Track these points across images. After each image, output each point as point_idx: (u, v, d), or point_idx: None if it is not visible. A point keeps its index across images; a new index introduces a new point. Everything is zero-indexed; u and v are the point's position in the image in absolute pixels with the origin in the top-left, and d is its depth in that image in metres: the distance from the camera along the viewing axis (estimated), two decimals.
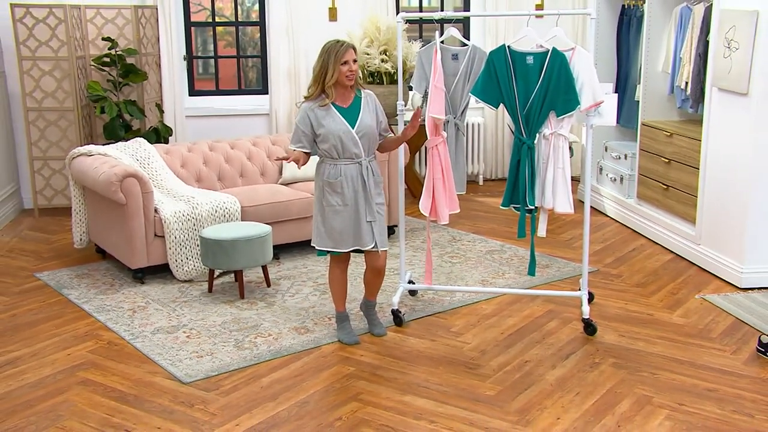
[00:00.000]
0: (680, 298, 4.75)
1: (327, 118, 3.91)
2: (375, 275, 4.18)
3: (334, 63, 3.85)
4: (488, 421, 3.37)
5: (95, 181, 5.05)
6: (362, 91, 4.04)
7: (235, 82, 7.69)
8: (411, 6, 8.07)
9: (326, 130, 3.90)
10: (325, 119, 3.91)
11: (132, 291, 4.96)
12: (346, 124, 3.92)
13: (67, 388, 3.72)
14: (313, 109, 3.93)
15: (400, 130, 4.55)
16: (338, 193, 3.96)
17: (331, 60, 3.85)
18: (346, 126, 3.92)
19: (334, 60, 3.85)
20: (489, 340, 4.19)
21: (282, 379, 3.78)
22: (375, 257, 4.10)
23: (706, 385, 3.66)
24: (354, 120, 3.94)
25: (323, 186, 4.00)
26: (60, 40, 6.44)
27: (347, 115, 3.94)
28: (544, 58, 4.22)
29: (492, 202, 7.01)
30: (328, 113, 3.92)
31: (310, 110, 3.93)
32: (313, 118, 3.92)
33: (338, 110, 3.93)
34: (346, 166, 3.96)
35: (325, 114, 3.91)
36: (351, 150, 3.94)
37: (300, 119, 3.96)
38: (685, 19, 5.65)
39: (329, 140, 3.91)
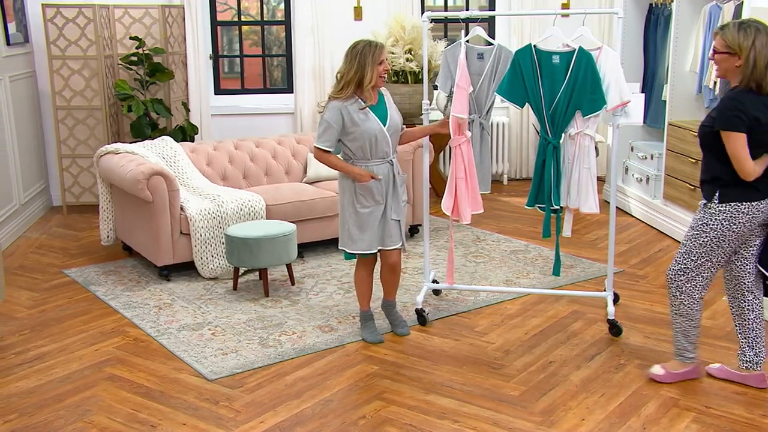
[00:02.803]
0: (707, 299, 4.69)
1: (362, 118, 3.89)
2: (391, 272, 4.17)
3: (372, 64, 3.82)
4: (512, 421, 3.36)
5: (122, 178, 5.10)
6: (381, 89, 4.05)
7: (260, 81, 7.74)
8: (436, 5, 8.06)
9: (362, 130, 3.88)
10: (360, 118, 3.88)
11: (158, 288, 5.00)
12: (380, 122, 3.93)
13: (95, 383, 3.77)
14: (347, 107, 3.88)
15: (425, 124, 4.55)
16: (368, 193, 3.96)
17: (368, 61, 3.81)
18: (380, 125, 3.92)
19: (371, 61, 3.82)
20: (513, 340, 4.17)
21: (306, 377, 3.79)
22: (390, 254, 4.09)
23: (734, 388, 3.62)
24: (384, 118, 3.95)
25: (352, 188, 3.98)
26: (89, 40, 6.52)
27: (378, 113, 3.95)
28: (570, 57, 4.19)
29: (516, 202, 6.98)
30: (363, 112, 3.89)
31: (343, 108, 3.88)
32: (347, 116, 3.87)
33: (370, 108, 3.94)
34: (378, 165, 3.96)
35: (360, 113, 3.89)
36: (383, 149, 3.94)
37: (331, 116, 3.87)
38: (715, 18, 5.58)
39: (362, 140, 3.89)
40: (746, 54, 3.22)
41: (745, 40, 3.22)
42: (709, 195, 3.44)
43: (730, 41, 3.25)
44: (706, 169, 3.46)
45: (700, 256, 3.50)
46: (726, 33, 3.26)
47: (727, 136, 3.29)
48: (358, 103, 3.90)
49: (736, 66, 3.28)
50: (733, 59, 3.27)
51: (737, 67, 3.27)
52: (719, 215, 3.42)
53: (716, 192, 3.41)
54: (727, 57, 3.27)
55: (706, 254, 3.49)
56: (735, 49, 3.24)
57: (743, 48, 3.22)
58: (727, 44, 3.26)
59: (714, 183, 3.42)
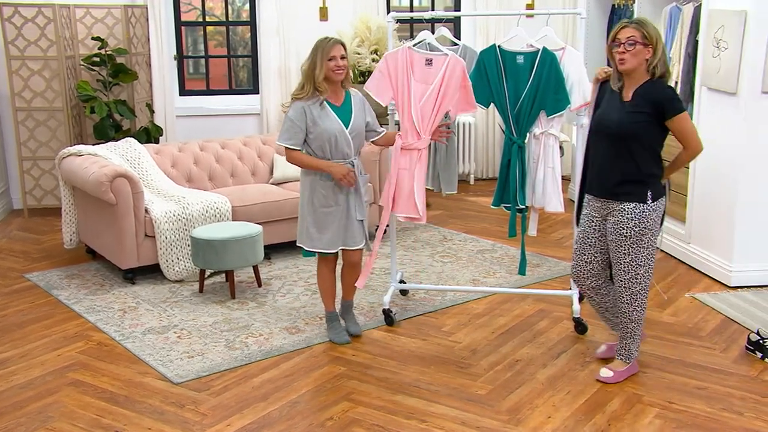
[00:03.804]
0: (670, 296, 4.76)
1: (322, 117, 3.88)
2: (351, 272, 4.16)
3: (321, 59, 3.84)
4: (479, 420, 3.38)
5: (85, 181, 5.03)
6: (351, 90, 4.04)
7: (225, 81, 7.68)
8: (402, 5, 8.07)
9: (321, 129, 3.87)
10: (321, 117, 3.88)
11: (122, 291, 4.94)
12: (341, 123, 3.91)
13: (57, 389, 3.70)
14: (309, 107, 3.88)
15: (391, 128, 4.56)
16: (330, 193, 3.95)
17: (319, 56, 3.84)
18: (341, 125, 3.91)
19: (321, 56, 3.84)
20: (480, 340, 4.19)
21: (273, 379, 3.77)
22: (351, 253, 4.09)
23: (696, 384, 3.68)
24: (348, 119, 3.94)
25: (313, 186, 3.98)
26: (49, 40, 6.42)
27: (340, 114, 3.93)
28: (534, 57, 4.23)
29: (483, 202, 7.02)
30: (323, 111, 3.89)
31: (306, 106, 3.88)
32: (309, 114, 3.87)
33: (332, 108, 3.92)
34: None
35: (321, 112, 3.89)
36: (343, 149, 3.93)
37: (295, 115, 3.87)
38: (675, 19, 5.67)
39: (321, 139, 3.89)
40: (657, 45, 3.35)
41: (656, 33, 3.36)
42: (642, 195, 3.44)
43: (651, 33, 3.35)
44: (636, 169, 3.43)
45: (647, 260, 3.53)
46: (646, 25, 3.36)
47: (682, 117, 3.38)
48: (320, 102, 3.90)
49: (646, 60, 3.38)
50: (646, 51, 3.36)
51: (646, 60, 3.38)
52: (653, 214, 3.46)
53: (648, 191, 3.44)
54: (643, 48, 3.36)
55: (651, 256, 3.54)
56: (652, 40, 3.35)
57: (659, 39, 3.36)
58: (645, 35, 3.34)
59: (646, 182, 3.44)
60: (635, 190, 3.44)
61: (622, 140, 3.42)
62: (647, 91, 3.40)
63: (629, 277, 3.55)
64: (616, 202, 3.48)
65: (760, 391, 3.59)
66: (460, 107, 4.20)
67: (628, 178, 3.44)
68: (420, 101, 4.15)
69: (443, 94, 4.14)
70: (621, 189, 3.46)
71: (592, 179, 3.59)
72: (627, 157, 3.43)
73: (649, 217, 3.46)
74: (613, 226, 3.51)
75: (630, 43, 3.34)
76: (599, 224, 3.61)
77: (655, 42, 3.34)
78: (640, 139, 3.41)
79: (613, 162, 3.46)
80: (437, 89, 4.13)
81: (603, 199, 3.54)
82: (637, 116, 3.39)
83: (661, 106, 3.38)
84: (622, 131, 3.41)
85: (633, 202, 3.44)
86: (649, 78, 3.41)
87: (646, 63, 3.38)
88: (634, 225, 3.46)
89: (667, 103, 3.37)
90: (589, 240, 3.66)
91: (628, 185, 3.45)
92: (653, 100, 3.38)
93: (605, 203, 3.54)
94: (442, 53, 4.19)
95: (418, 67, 4.17)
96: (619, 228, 3.48)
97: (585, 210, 3.67)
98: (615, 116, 3.44)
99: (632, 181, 3.44)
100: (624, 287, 3.57)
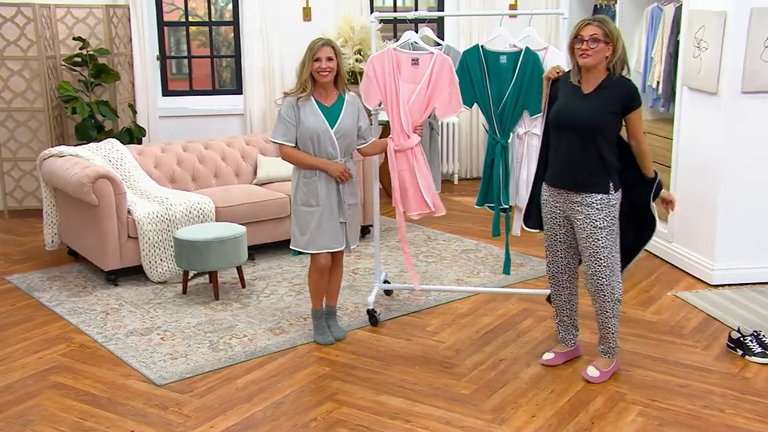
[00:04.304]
0: (653, 295, 4.80)
1: (308, 114, 3.89)
2: (334, 270, 4.14)
3: (309, 59, 3.87)
4: (463, 419, 3.39)
5: (67, 182, 4.99)
6: (347, 93, 4.03)
7: (208, 82, 7.65)
8: (385, 6, 8.07)
9: (304, 127, 3.89)
10: (306, 115, 3.89)
11: (105, 293, 4.91)
12: (326, 122, 3.91)
13: (38, 392, 3.67)
14: (298, 103, 3.91)
15: (375, 129, 4.56)
16: (313, 193, 3.95)
17: (308, 56, 3.88)
18: (325, 124, 3.91)
19: (308, 56, 3.87)
20: (464, 339, 4.20)
21: (257, 380, 3.76)
22: (333, 253, 4.09)
23: (678, 381, 3.70)
24: (334, 120, 3.94)
25: (297, 184, 3.99)
26: (29, 40, 6.36)
27: (328, 114, 3.93)
28: (517, 57, 4.24)
29: (467, 202, 7.03)
30: (309, 109, 3.90)
31: (295, 103, 3.91)
32: (297, 110, 3.90)
33: (320, 108, 3.92)
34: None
35: (306, 109, 3.90)
36: (327, 149, 3.93)
37: (286, 110, 3.91)
38: (656, 19, 5.71)
39: (305, 137, 3.90)
40: (618, 42, 3.44)
41: (617, 32, 3.46)
42: (604, 186, 3.51)
43: (612, 31, 3.43)
44: (601, 161, 3.50)
45: (615, 249, 3.60)
46: (607, 23, 3.45)
47: (640, 111, 3.52)
48: (310, 101, 3.89)
49: (606, 57, 3.46)
50: (606, 48, 3.45)
51: (607, 57, 3.46)
52: (615, 202, 3.55)
53: (610, 182, 3.52)
54: (604, 46, 3.44)
55: (617, 245, 3.61)
56: (613, 39, 3.43)
57: (619, 38, 3.45)
58: (607, 33, 3.43)
59: (609, 173, 3.51)
60: (600, 181, 3.52)
61: (590, 132, 3.49)
62: (614, 85, 3.49)
63: (608, 272, 3.59)
64: (582, 194, 3.53)
65: (741, 388, 3.63)
66: (449, 109, 4.20)
67: (594, 169, 3.51)
68: (408, 101, 4.15)
69: (431, 92, 4.15)
70: (588, 180, 3.52)
71: (556, 172, 3.62)
72: (593, 149, 3.50)
73: (615, 207, 3.55)
74: (583, 222, 3.56)
75: (593, 41, 3.42)
76: (563, 221, 3.67)
77: (616, 40, 3.44)
78: (607, 131, 3.50)
79: (581, 154, 3.52)
80: (425, 88, 4.14)
81: (567, 192, 3.58)
82: (607, 109, 3.47)
83: (628, 99, 3.49)
84: (593, 124, 3.48)
85: (599, 193, 3.51)
86: (607, 74, 3.50)
87: (606, 60, 3.47)
88: (605, 215, 3.53)
89: (634, 97, 3.50)
90: (557, 237, 3.71)
91: (595, 176, 3.52)
92: (622, 94, 3.48)
93: (568, 197, 3.59)
94: (428, 52, 4.20)
95: (404, 67, 4.17)
96: (592, 221, 3.53)
97: (546, 208, 3.71)
98: (584, 109, 3.49)
99: (598, 173, 3.51)
100: (605, 282, 3.60)
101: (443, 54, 4.18)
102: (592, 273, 3.61)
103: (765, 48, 4.58)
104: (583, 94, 3.52)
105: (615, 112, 3.48)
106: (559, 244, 3.72)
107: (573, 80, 3.56)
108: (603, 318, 3.68)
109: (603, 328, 3.72)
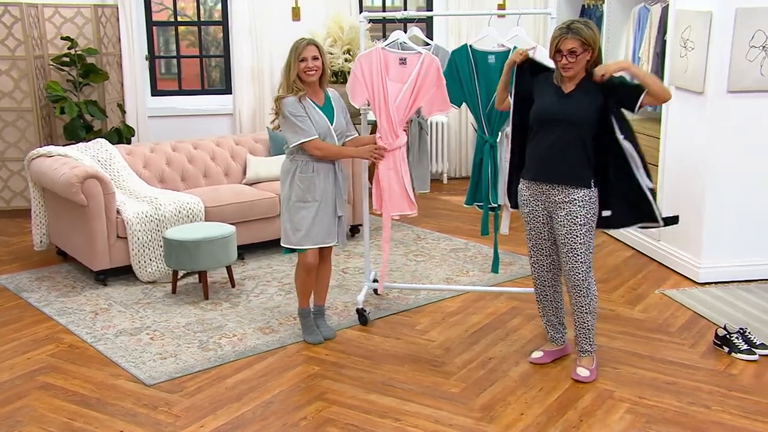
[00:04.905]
0: (641, 293, 4.83)
1: (311, 114, 3.90)
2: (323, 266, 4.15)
3: (294, 60, 3.88)
4: (452, 418, 3.40)
5: (55, 182, 4.98)
6: (329, 90, 4.05)
7: (198, 81, 7.64)
8: (374, 5, 8.08)
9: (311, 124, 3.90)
10: (310, 113, 3.90)
11: (94, 293, 4.90)
12: (327, 120, 3.93)
13: (27, 392, 3.66)
14: (299, 101, 3.89)
15: (363, 127, 4.57)
16: (311, 188, 3.95)
17: (293, 56, 3.89)
18: (327, 122, 3.93)
19: (294, 56, 3.88)
20: (453, 338, 4.22)
21: (247, 380, 3.76)
22: (323, 249, 4.10)
23: (665, 379, 3.73)
24: (330, 118, 3.96)
25: (293, 180, 3.97)
26: (17, 39, 6.34)
27: (325, 112, 3.96)
28: (505, 57, 4.26)
29: (456, 201, 7.06)
30: (310, 109, 3.91)
31: (297, 100, 3.88)
32: (302, 107, 3.89)
33: (316, 107, 3.94)
34: (319, 162, 3.95)
35: (308, 109, 3.90)
36: None
37: (294, 108, 3.86)
38: (643, 19, 5.74)
39: None
40: (595, 45, 3.49)
41: (595, 35, 3.48)
42: (587, 180, 3.56)
43: (588, 38, 3.46)
44: (585, 155, 3.54)
45: (592, 243, 3.65)
46: (582, 32, 3.46)
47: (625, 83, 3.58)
48: (306, 100, 3.91)
49: (587, 60, 3.51)
50: (587, 54, 3.49)
51: (588, 61, 3.51)
52: (594, 197, 3.59)
53: (591, 177, 3.57)
54: (584, 54, 3.48)
55: (593, 239, 3.66)
56: (591, 44, 3.47)
57: (596, 42, 3.49)
58: (584, 42, 3.46)
59: (590, 167, 3.56)
60: (583, 175, 3.56)
61: (576, 128, 3.53)
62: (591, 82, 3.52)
63: (585, 268, 3.63)
64: (563, 188, 3.57)
65: (727, 385, 3.66)
66: (435, 107, 4.22)
67: (578, 163, 3.56)
68: (395, 100, 4.17)
69: (417, 91, 4.16)
70: (572, 174, 3.56)
71: (539, 167, 3.65)
72: (578, 144, 3.54)
73: (595, 202, 3.59)
74: (564, 218, 3.59)
75: (571, 54, 3.47)
76: (545, 217, 3.70)
77: (593, 42, 3.47)
78: (592, 127, 3.54)
79: (566, 149, 3.56)
80: (411, 86, 4.15)
81: (551, 186, 3.60)
82: (591, 105, 3.52)
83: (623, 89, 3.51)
84: (578, 120, 3.52)
85: (581, 187, 3.55)
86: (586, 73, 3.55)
87: (587, 63, 3.52)
88: (586, 212, 3.57)
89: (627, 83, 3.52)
90: (541, 234, 3.74)
91: (578, 170, 3.56)
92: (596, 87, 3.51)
93: (549, 193, 3.62)
94: (416, 52, 4.21)
95: (392, 66, 4.19)
96: (573, 217, 3.57)
97: (528, 207, 3.74)
98: (569, 106, 3.53)
99: (581, 167, 3.56)
100: (582, 278, 3.63)
101: (431, 54, 4.19)
102: (569, 269, 3.65)
103: (750, 48, 4.62)
104: (564, 93, 3.57)
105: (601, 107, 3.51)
106: (543, 242, 3.75)
107: (556, 81, 3.59)
108: (580, 314, 3.72)
109: (580, 325, 3.75)
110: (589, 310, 3.70)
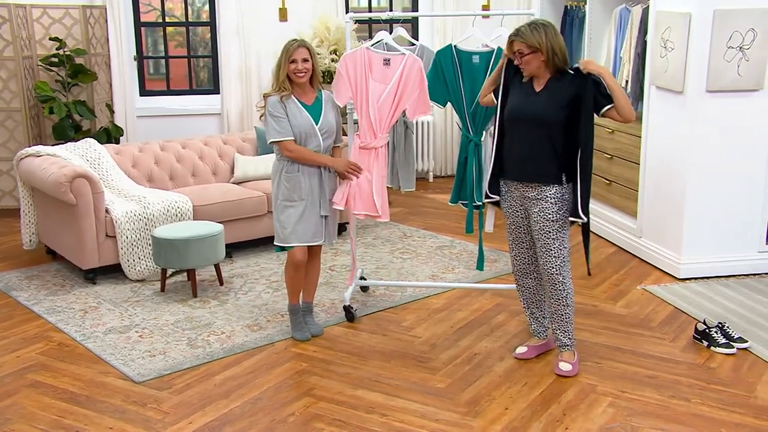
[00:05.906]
0: (623, 289, 4.91)
1: (294, 113, 3.96)
2: (311, 265, 4.20)
3: (285, 61, 3.94)
4: (438, 413, 3.46)
5: (44, 182, 5.01)
6: (323, 92, 4.10)
7: (186, 82, 7.66)
8: (361, 6, 8.13)
9: (291, 125, 3.95)
10: (292, 114, 3.96)
11: (83, 292, 4.93)
12: (311, 119, 3.99)
13: (16, 390, 3.70)
14: (282, 101, 3.96)
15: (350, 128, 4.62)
16: (296, 188, 4.01)
17: (283, 57, 3.95)
18: (311, 122, 3.98)
19: (284, 58, 3.94)
20: (439, 334, 4.28)
21: (235, 377, 3.81)
22: (311, 247, 4.15)
23: (647, 372, 3.80)
24: (317, 117, 4.01)
25: (279, 179, 4.03)
26: (5, 40, 6.35)
27: (311, 111, 4.01)
28: (489, 57, 4.33)
29: (442, 199, 7.12)
30: (293, 108, 3.97)
31: (279, 100, 3.95)
32: (284, 107, 3.96)
33: (303, 106, 4.00)
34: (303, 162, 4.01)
35: (290, 108, 3.96)
36: (312, 147, 4.00)
37: (274, 108, 3.94)
38: (625, 20, 5.82)
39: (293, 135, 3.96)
40: (546, 47, 3.53)
41: (540, 36, 3.53)
42: (559, 177, 3.63)
43: (530, 41, 3.54)
44: (555, 153, 3.62)
45: (566, 238, 3.72)
46: (524, 35, 3.55)
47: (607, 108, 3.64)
48: (290, 100, 3.96)
49: (542, 61, 3.57)
50: (538, 56, 3.56)
51: (543, 61, 3.57)
52: (566, 193, 3.67)
53: (563, 173, 3.64)
54: (533, 56, 3.56)
55: (567, 234, 3.73)
56: (536, 46, 3.53)
57: (542, 43, 3.53)
58: (528, 45, 3.54)
59: (562, 164, 3.63)
60: (552, 172, 3.64)
61: (547, 127, 3.61)
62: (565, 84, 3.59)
63: (559, 263, 3.70)
64: (537, 185, 3.65)
65: (706, 378, 3.74)
66: (418, 110, 4.27)
67: (547, 161, 3.64)
68: (378, 101, 4.22)
69: (401, 92, 4.22)
70: (544, 171, 3.64)
71: (513, 165, 3.73)
72: (548, 142, 3.62)
73: (567, 198, 3.67)
74: (538, 214, 3.67)
75: (519, 54, 3.57)
76: (523, 212, 3.78)
77: (541, 46, 3.53)
78: (561, 125, 3.61)
79: (538, 147, 3.64)
80: (395, 88, 4.21)
81: (525, 184, 3.69)
82: (556, 104, 3.58)
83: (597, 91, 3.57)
84: (545, 118, 3.60)
85: (554, 184, 3.63)
86: (554, 73, 3.62)
87: (544, 64, 3.59)
88: (558, 209, 3.65)
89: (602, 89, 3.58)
90: (522, 228, 3.82)
91: (548, 167, 3.64)
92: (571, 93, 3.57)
93: (524, 190, 3.70)
94: (400, 53, 4.27)
95: (376, 67, 4.24)
96: (545, 214, 3.66)
97: (507, 202, 3.82)
98: (537, 105, 3.61)
99: (551, 164, 3.64)
100: (556, 273, 3.71)
101: (415, 56, 4.25)
102: (543, 263, 3.74)
103: (728, 48, 4.71)
104: (534, 91, 3.66)
105: (572, 106, 3.58)
106: (523, 236, 3.83)
107: (525, 79, 3.69)
108: (557, 307, 3.79)
109: (559, 319, 3.82)
110: (566, 304, 3.77)
